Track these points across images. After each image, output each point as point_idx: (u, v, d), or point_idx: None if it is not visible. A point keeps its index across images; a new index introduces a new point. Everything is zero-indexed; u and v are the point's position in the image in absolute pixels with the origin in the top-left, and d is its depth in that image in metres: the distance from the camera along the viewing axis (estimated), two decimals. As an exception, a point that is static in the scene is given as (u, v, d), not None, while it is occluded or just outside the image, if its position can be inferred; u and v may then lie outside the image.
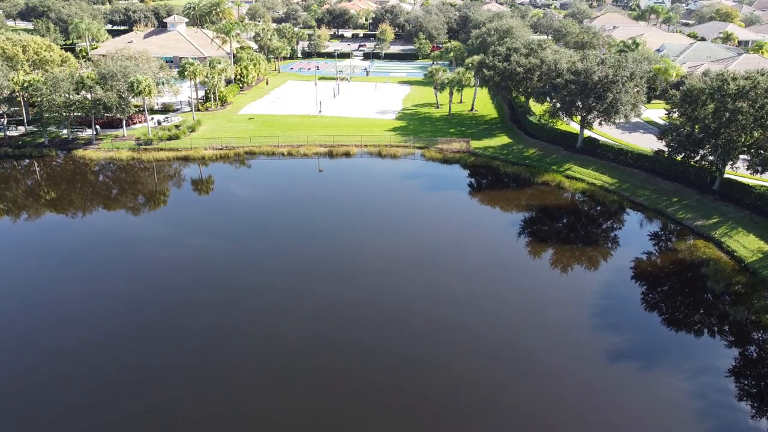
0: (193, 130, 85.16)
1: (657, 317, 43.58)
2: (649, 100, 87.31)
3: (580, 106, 70.66)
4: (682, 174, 63.35)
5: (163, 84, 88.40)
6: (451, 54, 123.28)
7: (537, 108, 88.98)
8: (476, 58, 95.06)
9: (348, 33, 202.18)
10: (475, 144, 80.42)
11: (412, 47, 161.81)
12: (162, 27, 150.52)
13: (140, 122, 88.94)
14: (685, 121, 60.20)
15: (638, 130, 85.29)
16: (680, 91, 61.70)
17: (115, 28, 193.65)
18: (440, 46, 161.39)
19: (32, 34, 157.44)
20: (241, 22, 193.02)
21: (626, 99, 67.35)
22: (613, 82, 66.66)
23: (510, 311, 43.23)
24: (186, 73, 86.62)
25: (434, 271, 48.49)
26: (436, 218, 59.43)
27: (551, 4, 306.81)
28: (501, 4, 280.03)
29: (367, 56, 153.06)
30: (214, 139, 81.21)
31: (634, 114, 70.22)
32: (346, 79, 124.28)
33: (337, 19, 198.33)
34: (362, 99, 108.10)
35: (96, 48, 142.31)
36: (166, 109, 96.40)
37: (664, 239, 56.57)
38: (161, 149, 79.08)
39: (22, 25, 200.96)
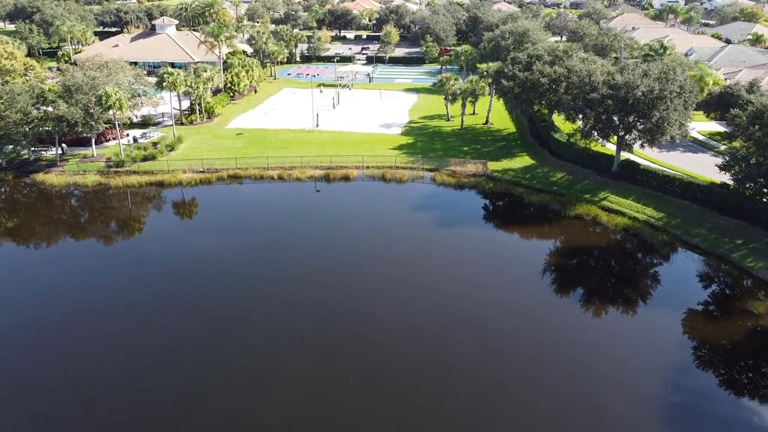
0: (172, 149, 75.15)
1: (731, 410, 33.32)
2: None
3: (619, 126, 60.28)
4: (747, 210, 52.84)
5: (139, 96, 78.46)
6: (462, 59, 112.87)
7: (562, 123, 78.54)
8: (492, 65, 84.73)
9: (350, 34, 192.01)
10: (492, 165, 70.15)
11: (418, 50, 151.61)
12: (153, 29, 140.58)
13: (114, 138, 78.97)
14: (755, 148, 49.73)
15: (677, 148, 74.93)
16: (747, 111, 51.29)
17: (106, 29, 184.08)
18: (448, 48, 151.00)
19: (14, 37, 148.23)
20: (240, 23, 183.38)
21: (674, 117, 56.98)
22: (660, 98, 56.26)
23: (546, 407, 33.00)
24: (164, 83, 76.49)
25: (451, 346, 38.31)
26: (450, 264, 49.17)
27: (561, 3, 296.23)
28: (510, 3, 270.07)
29: (370, 60, 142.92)
30: (195, 160, 71.15)
31: (681, 135, 59.84)
32: (347, 87, 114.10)
33: (339, 20, 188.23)
34: (364, 110, 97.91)
35: (80, 52, 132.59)
36: (145, 123, 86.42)
37: (731, 296, 46.28)
38: (134, 172, 69.06)
39: (11, 26, 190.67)
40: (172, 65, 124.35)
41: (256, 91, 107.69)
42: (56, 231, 57.24)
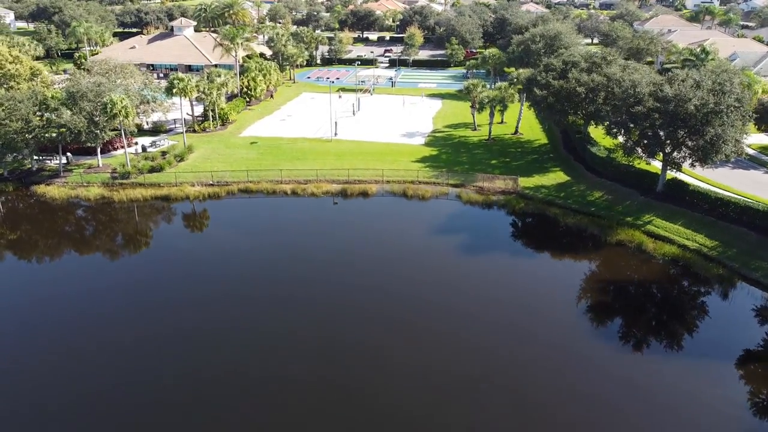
0: (181, 159, 70.99)
1: None
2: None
3: (666, 142, 54.33)
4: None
5: (148, 103, 74.48)
6: (489, 63, 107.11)
7: (600, 135, 72.60)
8: (523, 71, 79.06)
9: (373, 36, 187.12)
10: (523, 181, 64.57)
11: (442, 52, 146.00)
12: (171, 31, 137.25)
13: (123, 147, 75.04)
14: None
15: (726, 165, 68.31)
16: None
17: (127, 30, 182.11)
18: (474, 51, 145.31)
19: (32, 38, 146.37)
20: (262, 24, 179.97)
21: (731, 134, 50.88)
22: (715, 113, 50.22)
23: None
24: (174, 90, 72.33)
25: (482, 411, 33.06)
26: (478, 303, 43.83)
27: (590, 4, 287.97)
28: (537, 3, 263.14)
29: (393, 63, 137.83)
30: (204, 173, 66.80)
31: (737, 153, 53.69)
32: (369, 92, 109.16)
33: (362, 21, 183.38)
34: (386, 117, 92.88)
35: (97, 53, 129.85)
36: (156, 130, 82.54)
37: (804, 343, 40.25)
38: (140, 184, 65.04)
39: (33, 27, 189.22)
40: (189, 68, 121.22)
41: (272, 96, 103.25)
42: (49, 251, 53.25)
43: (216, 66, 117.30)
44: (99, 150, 68.99)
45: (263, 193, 63.85)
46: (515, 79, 79.62)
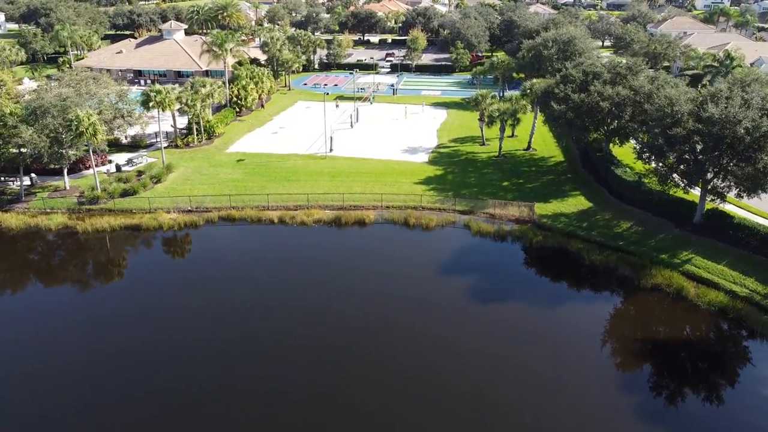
0: (158, 181, 63.89)
1: None
2: None
3: (708, 168, 47.01)
4: None
5: (123, 117, 67.37)
6: (498, 69, 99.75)
7: (623, 153, 65.32)
8: (538, 82, 71.73)
9: (375, 38, 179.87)
10: (540, 208, 57.27)
11: (447, 56, 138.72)
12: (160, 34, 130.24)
13: (96, 164, 68.05)
14: None
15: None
16: None
17: (119, 32, 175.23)
18: (481, 55, 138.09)
19: (17, 41, 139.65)
20: (260, 26, 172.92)
21: (787, 161, 43.54)
22: (769, 137, 42.91)
23: None
24: (151, 103, 65.18)
25: None
26: (491, 366, 36.63)
27: (597, 5, 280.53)
28: (543, 4, 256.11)
29: (394, 68, 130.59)
30: (182, 197, 59.70)
31: (791, 181, 46.27)
32: (368, 100, 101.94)
33: (363, 23, 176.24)
34: (386, 129, 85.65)
35: (83, 58, 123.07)
36: (135, 145, 75.44)
37: None
38: (109, 211, 58.04)
39: (18, 29, 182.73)
40: (179, 74, 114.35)
41: (263, 106, 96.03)
42: (-3, 295, 46.12)
43: (207, 72, 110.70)
44: (66, 171, 61.82)
45: (247, 221, 56.68)
46: (528, 90, 72.28)
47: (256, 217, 56.85)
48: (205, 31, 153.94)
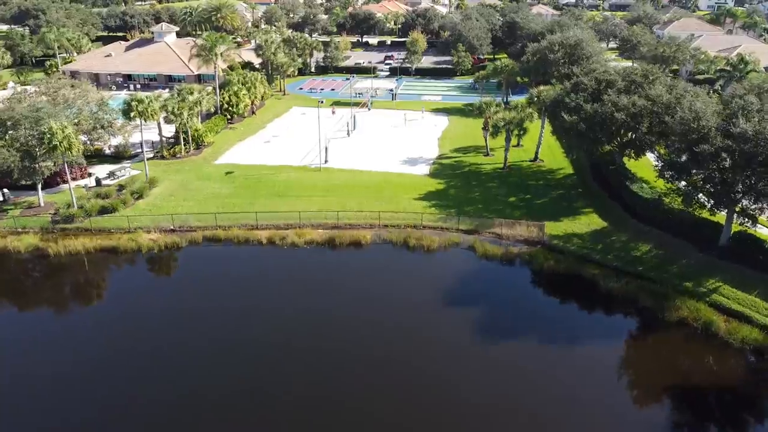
0: (140, 196, 59.62)
1: None
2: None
3: (737, 188, 42.74)
4: None
5: (103, 128, 63.13)
6: (503, 73, 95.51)
7: (638, 166, 61.07)
8: (545, 90, 67.51)
9: (373, 40, 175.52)
10: (550, 227, 52.99)
11: (448, 58, 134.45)
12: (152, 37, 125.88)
13: (74, 178, 63.86)
14: None
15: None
16: None
17: (111, 34, 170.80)
18: (483, 58, 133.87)
19: (5, 43, 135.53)
20: (256, 27, 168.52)
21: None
22: (809, 156, 38.64)
23: None
24: (131, 114, 60.86)
25: None
26: (501, 420, 32.40)
27: (599, 5, 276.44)
28: (545, 4, 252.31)
29: (393, 72, 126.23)
30: (164, 216, 55.41)
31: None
32: (366, 106, 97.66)
33: (362, 25, 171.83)
34: (385, 138, 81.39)
35: (70, 62, 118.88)
36: (119, 155, 71.15)
37: None
38: (86, 230, 53.88)
39: (6, 31, 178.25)
40: (170, 78, 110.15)
41: (254, 113, 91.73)
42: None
43: (199, 77, 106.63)
44: (40, 187, 57.51)
45: (233, 243, 52.40)
46: (536, 98, 68.05)
47: (244, 238, 52.55)
48: (198, 33, 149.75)
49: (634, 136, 55.98)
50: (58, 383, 34.87)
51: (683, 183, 45.93)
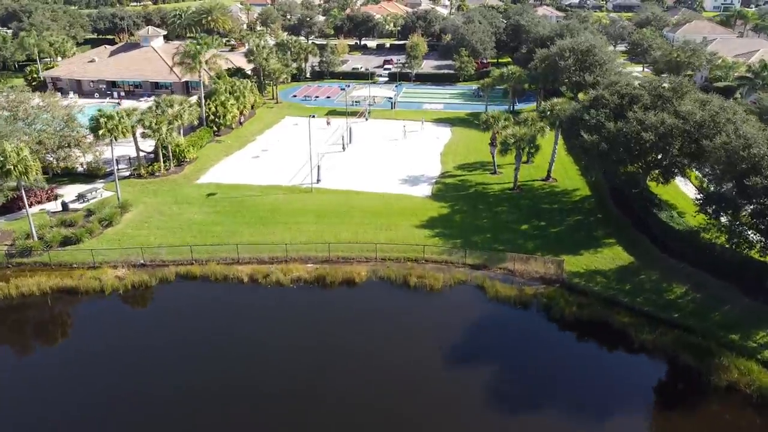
0: (109, 224, 53.35)
1: None
2: None
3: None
4: None
5: (70, 146, 56.94)
6: (508, 83, 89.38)
7: (666, 190, 54.91)
8: (559, 103, 61.35)
9: (372, 43, 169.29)
10: (569, 261, 46.85)
11: (449, 63, 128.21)
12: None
13: (40, 202, 57.77)
14: None
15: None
16: None
17: (101, 37, 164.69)
18: (486, 62, 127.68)
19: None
20: (250, 30, 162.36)
21: None
22: None
23: None
24: (100, 131, 54.56)
25: None
26: None
27: (603, 6, 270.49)
28: (547, 5, 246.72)
29: (393, 77, 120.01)
30: (135, 248, 49.16)
31: None
32: (364, 116, 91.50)
33: (360, 27, 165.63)
34: (383, 152, 75.22)
35: (53, 67, 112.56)
36: (91, 173, 64.88)
37: None
38: (44, 265, 47.78)
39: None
40: (157, 85, 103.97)
41: (241, 124, 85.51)
42: None
43: (187, 84, 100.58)
44: (-5, 214, 51.42)
45: (211, 280, 46.19)
46: (548, 111, 61.89)
47: (222, 275, 46.34)
48: (190, 35, 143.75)
49: (662, 157, 49.76)
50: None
51: (729, 219, 39.64)
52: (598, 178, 59.90)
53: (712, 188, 41.37)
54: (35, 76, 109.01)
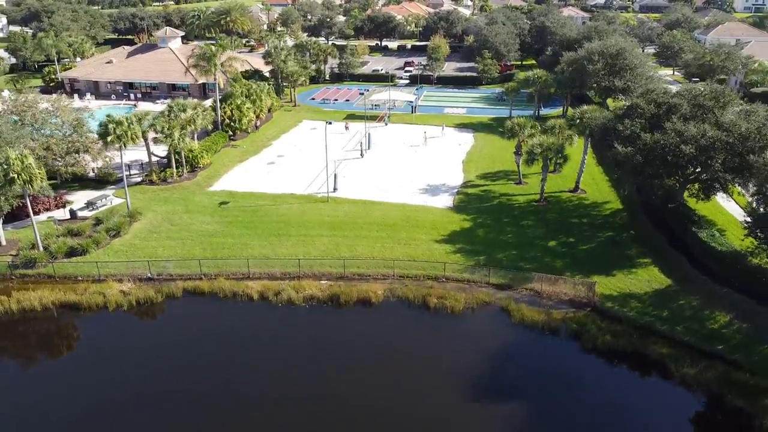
0: (117, 234, 51.31)
1: None
2: None
3: None
4: None
5: (78, 153, 55.14)
6: (533, 88, 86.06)
7: (704, 206, 51.35)
8: (589, 111, 57.98)
9: (393, 44, 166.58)
10: (601, 283, 43.65)
11: (472, 65, 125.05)
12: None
13: (48, 209, 56.06)
14: None
15: None
16: None
17: (121, 37, 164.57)
18: (510, 65, 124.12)
19: (7, 47, 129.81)
20: (272, 30, 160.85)
21: None
22: None
23: None
24: (109, 137, 52.56)
25: None
26: None
27: (629, 7, 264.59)
28: (572, 5, 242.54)
29: (413, 80, 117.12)
30: (141, 261, 47.04)
31: None
32: (383, 121, 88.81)
33: (381, 28, 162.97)
34: (402, 159, 72.41)
35: (70, 68, 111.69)
36: (102, 179, 63.09)
37: None
38: (48, 278, 45.97)
39: (7, 35, 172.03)
40: (173, 87, 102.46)
41: (257, 128, 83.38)
42: None
43: (204, 86, 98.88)
44: (0, 222, 49.59)
45: (219, 296, 43.85)
46: (578, 119, 58.59)
47: (231, 291, 43.97)
48: (208, 36, 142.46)
49: (702, 172, 46.29)
50: None
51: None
52: (631, 191, 56.40)
53: (761, 210, 37.71)
54: (53, 77, 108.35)
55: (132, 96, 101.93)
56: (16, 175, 44.32)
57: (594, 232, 52.54)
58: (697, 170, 47.14)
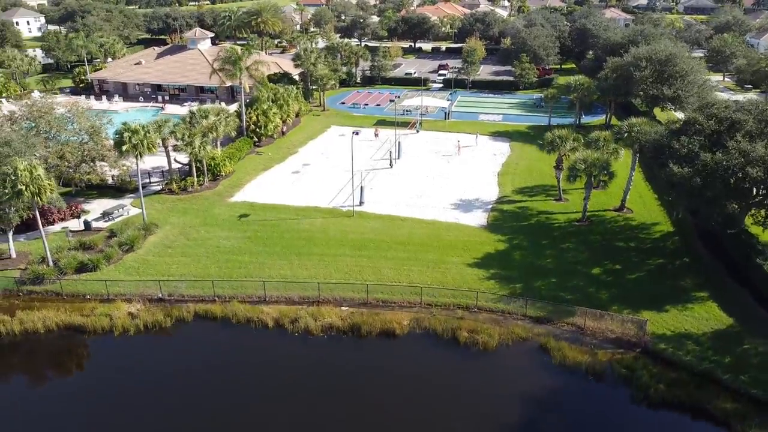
0: (130, 248, 48.70)
1: None
2: None
3: None
4: None
5: (93, 161, 52.80)
6: (574, 95, 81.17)
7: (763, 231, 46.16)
8: (639, 124, 53.16)
9: (427, 46, 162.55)
10: (653, 321, 39.05)
11: (509, 69, 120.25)
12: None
13: (63, 219, 53.95)
14: None
15: None
16: None
17: (154, 37, 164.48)
18: (549, 69, 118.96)
19: (42, 46, 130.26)
20: (305, 32, 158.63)
21: None
22: None
23: None
24: (124, 147, 49.99)
25: None
26: None
27: (673, 8, 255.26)
28: (613, 6, 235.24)
29: (447, 84, 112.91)
30: (152, 280, 44.26)
31: None
32: (415, 127, 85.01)
33: (415, 29, 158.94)
34: (433, 171, 68.51)
35: (100, 69, 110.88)
36: (120, 187, 60.83)
37: None
38: (56, 295, 43.50)
39: (42, 35, 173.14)
40: (201, 90, 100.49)
41: (283, 134, 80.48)
42: None
43: (231, 89, 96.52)
44: (10, 235, 47.45)
45: (233, 322, 40.72)
46: (626, 133, 53.84)
47: (245, 317, 40.80)
48: (239, 36, 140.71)
49: (770, 196, 41.31)
50: None
51: None
52: (684, 213, 51.43)
53: None
54: (83, 77, 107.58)
55: (159, 98, 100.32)
56: (24, 187, 41.92)
57: (642, 258, 47.79)
58: (762, 193, 42.00)
